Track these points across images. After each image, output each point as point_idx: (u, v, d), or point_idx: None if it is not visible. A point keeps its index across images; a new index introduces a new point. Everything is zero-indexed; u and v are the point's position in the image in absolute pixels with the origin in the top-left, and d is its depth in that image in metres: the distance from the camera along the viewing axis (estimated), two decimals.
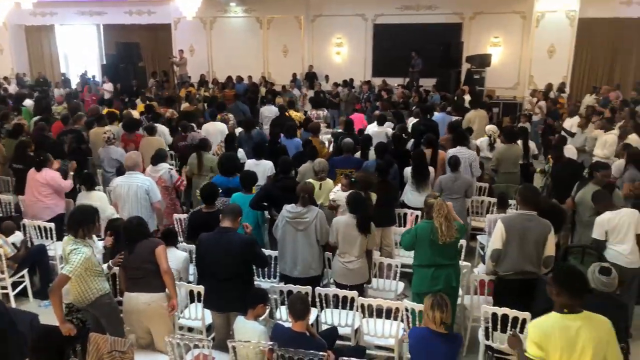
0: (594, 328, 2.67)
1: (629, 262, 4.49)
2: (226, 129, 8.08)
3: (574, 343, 2.64)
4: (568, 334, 2.65)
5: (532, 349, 2.72)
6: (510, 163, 6.92)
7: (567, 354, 2.65)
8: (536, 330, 2.73)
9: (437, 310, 3.26)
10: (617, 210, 4.63)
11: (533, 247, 4.11)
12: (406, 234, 4.34)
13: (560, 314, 2.71)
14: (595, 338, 2.64)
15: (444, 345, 3.26)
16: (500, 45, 15.41)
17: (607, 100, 11.94)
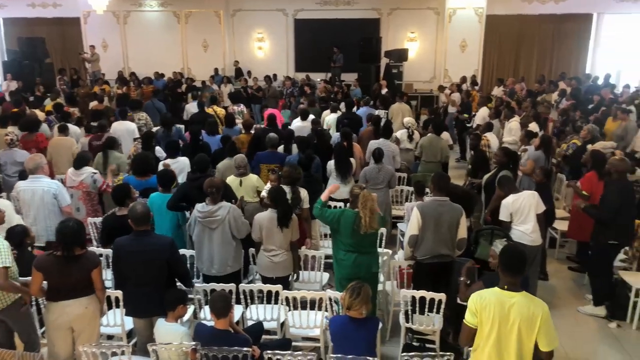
0: (528, 308, 2.80)
1: (532, 241, 4.85)
2: (135, 129, 7.74)
3: (506, 317, 2.80)
4: (502, 309, 2.81)
5: (469, 317, 2.91)
6: (433, 153, 7.23)
7: (497, 325, 2.81)
8: (475, 299, 2.90)
9: (352, 297, 3.36)
10: (519, 193, 4.98)
11: (447, 231, 4.34)
12: (327, 211, 4.34)
13: (501, 289, 2.88)
14: (525, 317, 2.79)
15: (362, 330, 3.37)
16: (416, 40, 16.05)
17: (513, 92, 12.81)
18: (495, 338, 2.83)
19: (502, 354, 2.84)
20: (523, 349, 2.83)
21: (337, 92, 12.40)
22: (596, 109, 10.01)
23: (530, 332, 2.79)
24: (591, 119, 9.32)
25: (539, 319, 2.78)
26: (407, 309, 4.13)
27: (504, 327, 2.81)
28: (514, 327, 2.79)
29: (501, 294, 2.85)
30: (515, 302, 2.81)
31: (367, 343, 3.36)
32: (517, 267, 2.88)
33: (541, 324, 2.78)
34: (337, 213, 4.27)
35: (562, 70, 15.08)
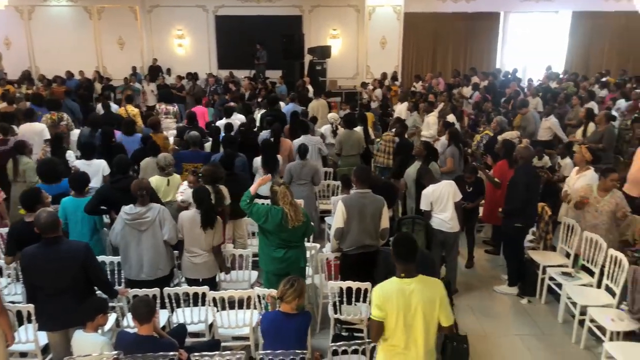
0: (426, 290, 2.92)
1: (450, 228, 5.11)
2: (46, 130, 7.24)
3: (408, 304, 2.90)
4: (404, 296, 2.89)
5: (375, 311, 2.97)
6: (350, 147, 7.38)
7: (402, 313, 2.90)
8: (378, 293, 2.97)
9: (286, 287, 3.40)
10: (438, 183, 5.23)
11: (370, 222, 4.46)
12: (256, 206, 4.30)
13: (399, 278, 2.97)
14: (425, 298, 2.92)
15: (293, 324, 3.39)
16: (339, 37, 16.30)
17: (431, 87, 13.40)
18: (403, 325, 2.91)
19: (410, 339, 2.93)
20: (429, 330, 2.94)
21: (261, 89, 12.32)
22: (508, 101, 10.73)
23: (432, 312, 2.91)
24: (502, 110, 9.99)
25: (437, 299, 2.92)
26: (335, 301, 4.22)
27: (408, 314, 2.89)
28: (418, 311, 2.89)
29: (400, 282, 2.93)
30: (414, 288, 2.90)
31: (297, 337, 3.38)
32: (409, 255, 2.96)
33: (440, 303, 2.93)
34: (265, 209, 4.26)
35: (474, 66, 15.93)
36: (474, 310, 5.10)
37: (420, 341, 2.93)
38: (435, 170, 5.77)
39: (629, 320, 4.20)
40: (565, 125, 9.42)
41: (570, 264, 5.24)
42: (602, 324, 4.21)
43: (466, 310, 5.06)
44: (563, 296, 4.84)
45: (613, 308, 4.41)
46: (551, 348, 4.50)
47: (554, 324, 4.88)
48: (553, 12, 16.83)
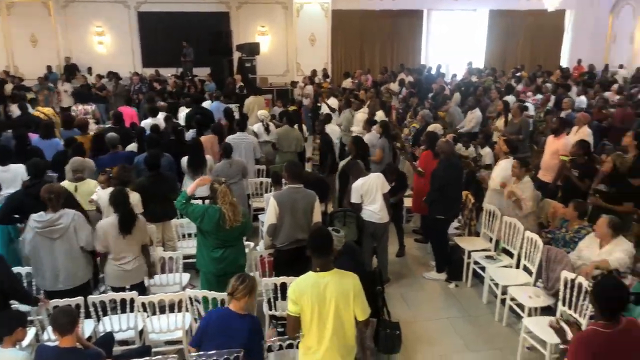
0: (340, 283, 2.94)
1: (380, 219, 5.25)
2: None
3: (323, 297, 2.91)
4: (318, 290, 2.90)
5: (290, 306, 2.98)
6: (288, 144, 7.39)
7: (317, 307, 2.91)
8: (293, 288, 2.98)
9: (238, 282, 3.29)
10: (367, 175, 5.34)
11: (303, 216, 4.49)
12: (192, 206, 4.16)
13: (314, 272, 2.99)
14: (340, 292, 2.93)
15: (246, 325, 3.26)
16: (267, 34, 16.21)
17: (360, 83, 13.67)
18: (317, 319, 2.94)
19: (323, 333, 2.95)
20: (344, 324, 2.97)
21: (189, 87, 12.02)
22: (435, 97, 11.17)
23: (346, 305, 2.95)
24: (427, 105, 10.38)
25: (352, 292, 2.95)
26: (270, 297, 4.21)
27: (323, 307, 2.91)
28: (332, 304, 2.91)
29: (315, 276, 2.95)
30: (329, 281, 2.92)
31: (250, 339, 3.22)
32: (324, 249, 2.99)
33: (354, 296, 2.96)
34: (202, 209, 4.16)
35: (401, 62, 16.44)
36: (405, 297, 5.28)
37: (334, 335, 2.95)
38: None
39: (544, 296, 4.53)
40: (486, 118, 9.96)
41: (492, 247, 5.55)
42: (521, 302, 4.50)
43: (398, 298, 5.23)
44: (486, 278, 5.13)
45: (530, 286, 4.73)
46: (477, 328, 4.76)
47: (479, 305, 5.16)
48: (472, 10, 17.69)
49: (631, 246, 4.35)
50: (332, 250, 3.06)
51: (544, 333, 3.91)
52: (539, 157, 7.21)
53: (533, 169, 7.05)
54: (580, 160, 5.94)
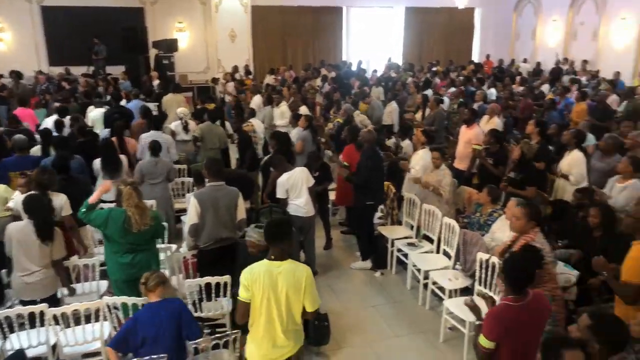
0: (293, 274, 2.97)
1: (306, 212, 5.27)
2: None
3: (275, 285, 2.94)
4: (271, 278, 2.93)
5: (242, 292, 2.96)
6: (211, 141, 7.19)
7: (267, 294, 2.93)
8: (246, 274, 2.97)
9: (148, 277, 3.35)
10: (292, 170, 5.34)
11: (226, 214, 4.39)
12: (93, 214, 3.94)
13: (269, 260, 3.00)
14: (292, 282, 2.95)
15: (166, 311, 3.28)
16: (185, 30, 15.72)
17: (284, 80, 13.65)
18: (267, 307, 2.95)
19: (272, 321, 2.98)
20: (293, 313, 3.01)
21: (103, 86, 11.38)
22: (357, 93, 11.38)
23: (297, 296, 2.99)
24: (349, 100, 10.57)
25: (303, 283, 2.99)
26: (195, 299, 4.08)
27: (274, 295, 2.94)
28: (283, 293, 2.95)
29: (270, 264, 2.98)
30: (282, 270, 2.96)
31: (178, 316, 3.26)
32: (279, 237, 3.03)
33: (305, 287, 3.00)
34: (104, 214, 3.92)
35: (323, 58, 16.63)
36: (333, 289, 5.35)
37: (283, 324, 2.98)
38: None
39: (462, 278, 4.77)
40: (405, 111, 10.32)
41: (414, 235, 5.76)
42: (442, 285, 4.71)
43: (326, 290, 5.28)
44: (409, 265, 5.31)
45: (450, 269, 4.96)
46: (402, 313, 4.92)
47: (404, 291, 5.33)
48: (388, 7, 18.24)
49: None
50: (289, 239, 3.09)
51: (463, 313, 4.10)
52: (454, 147, 7.58)
53: (449, 158, 7.41)
54: (493, 149, 6.31)
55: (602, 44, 15.13)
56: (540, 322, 2.76)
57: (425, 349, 4.36)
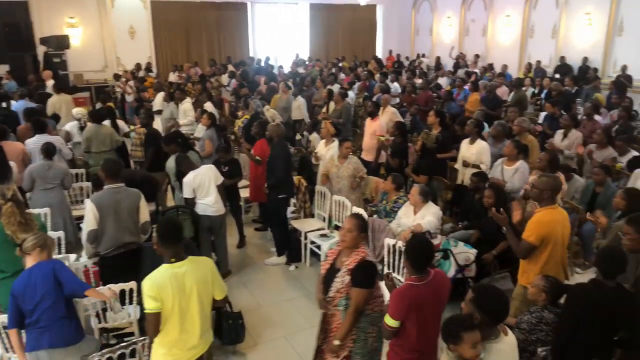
0: (198, 269, 2.92)
1: (216, 211, 5.15)
2: None
3: (183, 287, 2.84)
4: (177, 280, 2.83)
5: (149, 303, 2.79)
6: (101, 142, 6.78)
7: (178, 297, 2.83)
8: (149, 284, 2.80)
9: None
10: (198, 168, 5.18)
11: (128, 218, 4.17)
12: None
13: (169, 264, 2.87)
14: (199, 277, 2.91)
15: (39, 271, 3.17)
16: (78, 26, 14.64)
17: (189, 77, 13.24)
18: (179, 311, 2.86)
19: (186, 323, 2.89)
20: (205, 310, 2.97)
21: None
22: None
23: (207, 289, 2.96)
24: (257, 95, 10.49)
25: (210, 275, 2.98)
26: (98, 310, 3.84)
27: (184, 297, 2.86)
28: (193, 292, 2.88)
29: (171, 267, 2.87)
30: (186, 270, 2.88)
31: (53, 284, 3.13)
32: (174, 237, 2.92)
33: (212, 278, 2.99)
34: None
35: (229, 55, 16.35)
36: (248, 286, 5.29)
37: (196, 323, 2.92)
38: (196, 160, 5.72)
39: None
40: (313, 106, 10.45)
41: (326, 226, 5.85)
42: None
43: (240, 288, 5.21)
44: (322, 255, 5.39)
45: None
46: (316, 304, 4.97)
47: None
48: (293, 3, 18.33)
49: (438, 210, 4.97)
50: (182, 237, 3.01)
51: None
52: (361, 139, 7.80)
53: (357, 151, 7.62)
54: (398, 140, 6.57)
55: (490, 39, 16.37)
56: (442, 297, 2.92)
57: None
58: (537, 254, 3.56)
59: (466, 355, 2.41)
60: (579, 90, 11.30)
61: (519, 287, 3.72)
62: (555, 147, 6.58)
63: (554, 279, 3.28)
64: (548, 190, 3.58)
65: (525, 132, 6.29)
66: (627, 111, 7.93)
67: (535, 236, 3.50)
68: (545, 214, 3.56)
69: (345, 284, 2.99)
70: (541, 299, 3.23)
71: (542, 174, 4.13)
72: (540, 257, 3.55)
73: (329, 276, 3.12)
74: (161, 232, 2.94)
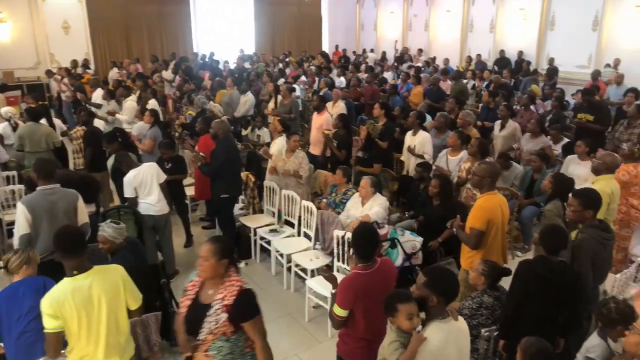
0: (106, 279, 2.76)
1: (159, 210, 4.98)
2: None
3: (90, 299, 2.67)
4: (82, 294, 2.65)
5: (48, 322, 2.61)
6: (36, 142, 6.42)
7: (85, 312, 2.65)
8: (48, 301, 2.61)
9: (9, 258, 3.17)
10: (139, 166, 4.99)
11: (65, 220, 3.94)
12: None
13: (71, 277, 2.68)
14: (109, 287, 2.75)
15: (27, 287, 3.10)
16: (6, 21, 13.77)
17: (130, 73, 12.75)
18: (87, 325, 2.69)
19: (97, 336, 2.73)
20: (118, 320, 2.82)
21: None
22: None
23: (118, 299, 2.80)
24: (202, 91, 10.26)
25: (121, 283, 2.82)
26: None
27: (92, 310, 2.69)
28: (102, 303, 2.72)
29: (73, 280, 2.69)
30: (92, 281, 2.71)
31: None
32: (76, 248, 2.75)
33: (125, 286, 2.83)
34: None
35: (173, 50, 15.90)
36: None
37: (110, 335, 2.76)
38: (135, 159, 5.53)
39: (323, 256, 4.93)
40: (260, 101, 10.34)
41: (275, 221, 5.80)
42: (304, 266, 4.82)
43: None
44: (272, 251, 5.34)
45: (311, 250, 5.09)
46: (268, 299, 4.91)
47: (269, 278, 5.35)
48: None
49: (385, 200, 5.04)
50: (86, 247, 2.81)
51: (324, 290, 4.25)
52: (309, 134, 7.79)
53: (306, 145, 7.61)
54: (341, 132, 6.61)
55: (432, 33, 16.79)
56: (389, 284, 2.95)
57: (291, 330, 4.43)
58: None
59: (403, 326, 2.45)
60: (516, 82, 11.79)
61: (462, 272, 3.83)
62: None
63: (492, 263, 3.41)
64: (488, 176, 3.70)
65: (469, 125, 6.49)
66: (559, 101, 8.35)
67: (481, 222, 3.61)
68: (487, 200, 3.68)
69: (220, 323, 2.42)
70: (480, 283, 3.35)
71: (482, 161, 4.27)
72: (484, 242, 3.67)
73: (195, 314, 2.49)
74: (59, 244, 2.74)
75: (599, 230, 3.35)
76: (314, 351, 4.14)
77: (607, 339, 2.73)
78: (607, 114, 7.54)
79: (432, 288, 2.43)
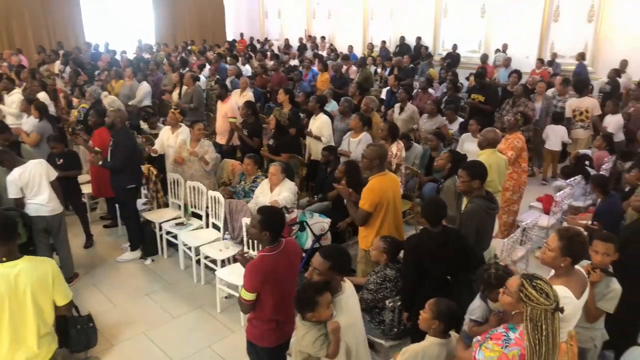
0: (35, 270, 2.66)
1: (51, 210, 4.60)
2: None
3: (16, 288, 2.59)
4: (8, 281, 2.58)
5: None
6: None
7: (8, 300, 2.58)
8: None
9: None
10: (24, 164, 4.57)
11: None
12: None
13: (0, 263, 2.60)
14: (36, 279, 2.65)
15: None
16: None
17: (12, 65, 11.61)
18: (9, 317, 2.60)
19: (20, 329, 2.65)
20: (43, 313, 2.72)
21: None
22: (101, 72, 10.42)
23: (45, 292, 2.70)
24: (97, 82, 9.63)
25: (50, 276, 2.72)
26: None
27: (16, 300, 2.61)
28: (27, 294, 2.63)
29: (2, 267, 2.60)
30: (20, 270, 2.62)
31: None
32: (6, 234, 2.65)
33: (54, 280, 2.74)
34: None
35: (61, 40, 14.75)
36: (99, 286, 4.87)
37: (33, 330, 2.66)
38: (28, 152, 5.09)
39: (233, 246, 4.86)
40: (162, 91, 9.91)
41: (182, 214, 5.61)
42: (214, 257, 4.72)
43: (91, 289, 4.79)
44: (180, 245, 5.17)
45: (220, 240, 4.99)
46: (178, 294, 4.78)
47: (178, 273, 5.18)
48: None
49: (294, 185, 5.06)
50: (17, 234, 2.74)
51: (235, 279, 4.19)
52: (214, 123, 7.60)
53: (212, 135, 7.42)
54: (250, 120, 6.52)
55: (335, 21, 17.05)
56: (295, 263, 3.00)
57: (203, 323, 4.33)
58: (372, 219, 3.82)
59: (323, 316, 2.52)
60: (414, 68, 12.36)
61: (361, 250, 3.98)
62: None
63: (391, 239, 3.57)
64: (376, 158, 3.84)
65: (372, 111, 6.70)
66: (453, 84, 8.87)
67: (369, 203, 3.75)
68: (376, 182, 3.82)
69: None
70: (383, 259, 3.51)
71: (370, 143, 4.42)
72: (376, 222, 3.81)
73: None
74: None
75: (485, 200, 3.61)
76: (228, 341, 4.09)
77: (487, 301, 2.95)
78: (496, 95, 8.17)
79: (334, 268, 2.54)
